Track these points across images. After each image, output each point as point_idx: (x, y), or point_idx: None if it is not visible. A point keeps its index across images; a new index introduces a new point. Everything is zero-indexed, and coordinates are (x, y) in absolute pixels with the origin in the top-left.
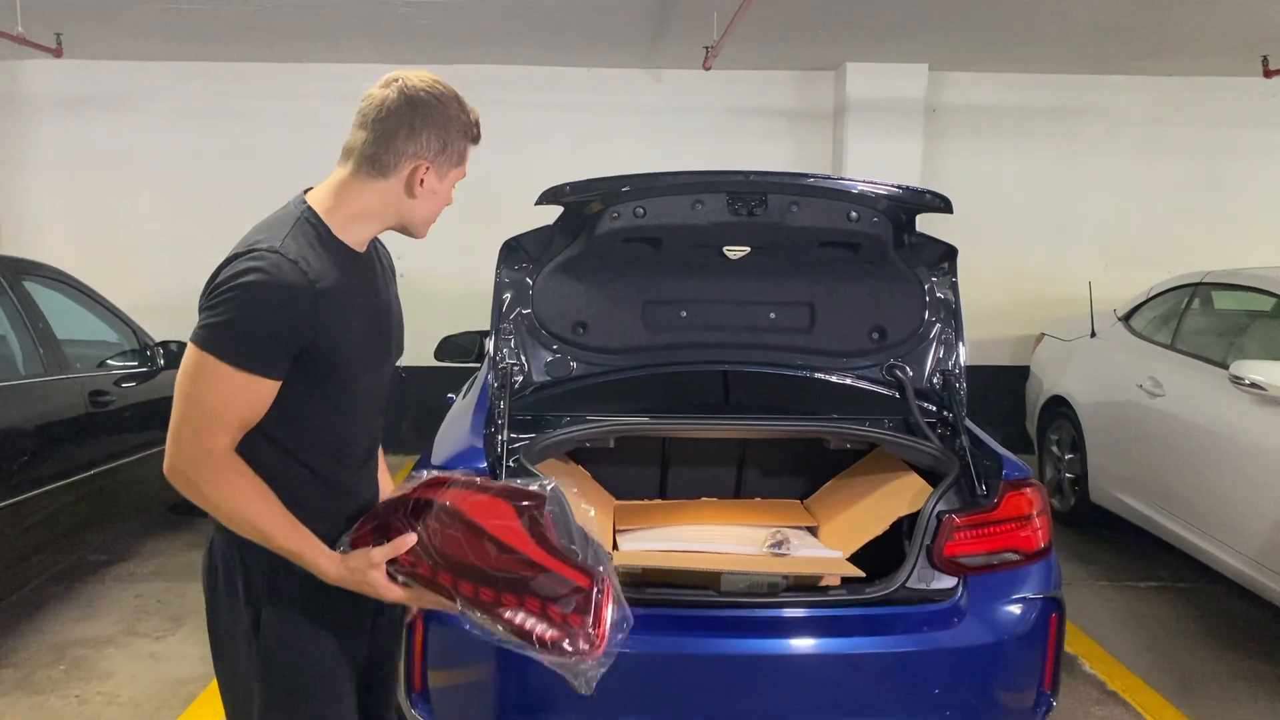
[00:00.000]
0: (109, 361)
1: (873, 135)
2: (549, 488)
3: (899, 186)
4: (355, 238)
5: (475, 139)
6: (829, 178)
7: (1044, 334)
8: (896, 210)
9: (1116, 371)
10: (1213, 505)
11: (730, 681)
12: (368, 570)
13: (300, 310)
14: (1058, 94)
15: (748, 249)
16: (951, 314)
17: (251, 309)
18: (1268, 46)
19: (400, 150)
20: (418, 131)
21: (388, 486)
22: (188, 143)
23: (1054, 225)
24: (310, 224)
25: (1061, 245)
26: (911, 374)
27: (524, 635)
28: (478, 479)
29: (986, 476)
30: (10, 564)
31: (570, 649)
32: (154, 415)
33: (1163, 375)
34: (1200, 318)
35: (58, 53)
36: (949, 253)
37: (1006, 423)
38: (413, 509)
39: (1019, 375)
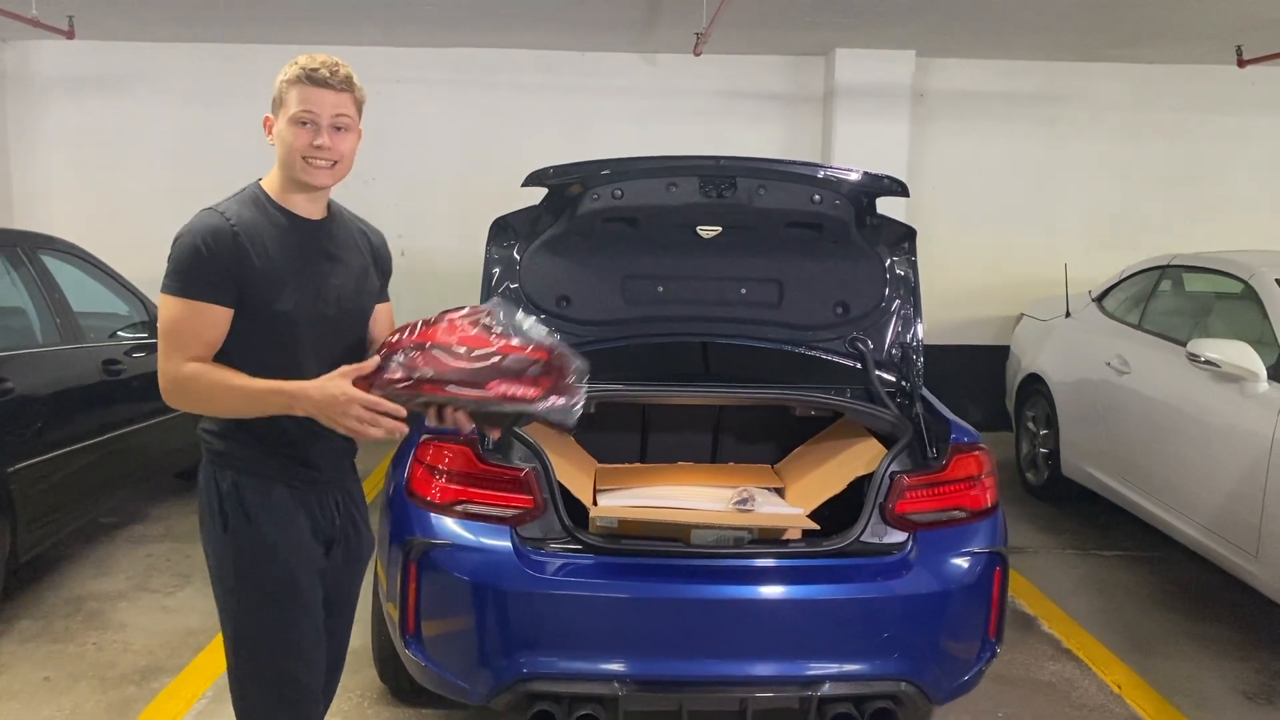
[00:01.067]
0: (119, 333)
1: (861, 120)
2: (493, 302)
3: (859, 171)
4: (298, 206)
5: (299, 78)
6: (794, 163)
7: (1023, 314)
8: (857, 193)
9: (1088, 350)
10: (1171, 477)
11: (699, 624)
12: (339, 389)
13: (219, 245)
14: (1041, 80)
15: (720, 229)
16: (910, 291)
17: (185, 250)
18: (1242, 36)
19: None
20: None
21: None
22: (197, 122)
23: (1037, 208)
24: (253, 194)
25: (1044, 228)
26: (872, 346)
27: (511, 399)
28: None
29: (937, 441)
30: (29, 522)
31: (551, 398)
32: None
33: (1130, 354)
34: (1169, 299)
35: (69, 34)
36: (908, 233)
37: (989, 400)
38: (390, 351)
39: (1001, 355)
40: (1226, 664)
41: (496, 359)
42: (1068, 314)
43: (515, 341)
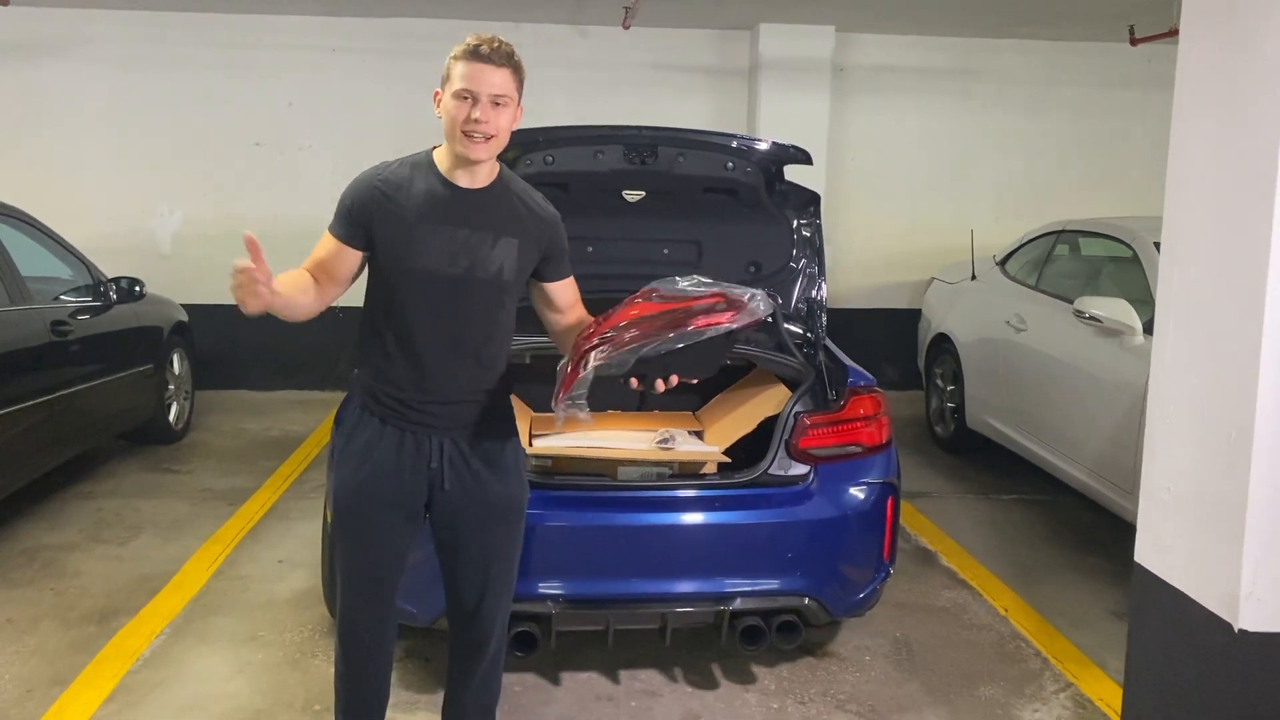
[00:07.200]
0: (63, 296)
1: (785, 93)
2: (655, 283)
3: (767, 142)
4: (458, 175)
5: (464, 55)
6: (709, 133)
7: (934, 278)
8: (766, 162)
9: (990, 311)
10: (1061, 425)
11: (625, 549)
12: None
13: (360, 191)
14: (954, 56)
15: (643, 193)
16: (816, 251)
17: (343, 192)
18: (1135, 17)
19: None
20: None
21: None
22: (133, 89)
23: (949, 178)
24: (421, 157)
25: (956, 197)
26: (781, 301)
27: (713, 325)
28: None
29: (836, 384)
30: None
31: (745, 317)
32: (108, 347)
33: (1027, 313)
34: (1066, 262)
35: (4, 1)
36: (813, 199)
37: (904, 360)
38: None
39: (916, 317)
40: (1103, 589)
41: (685, 309)
42: (973, 277)
43: (692, 295)
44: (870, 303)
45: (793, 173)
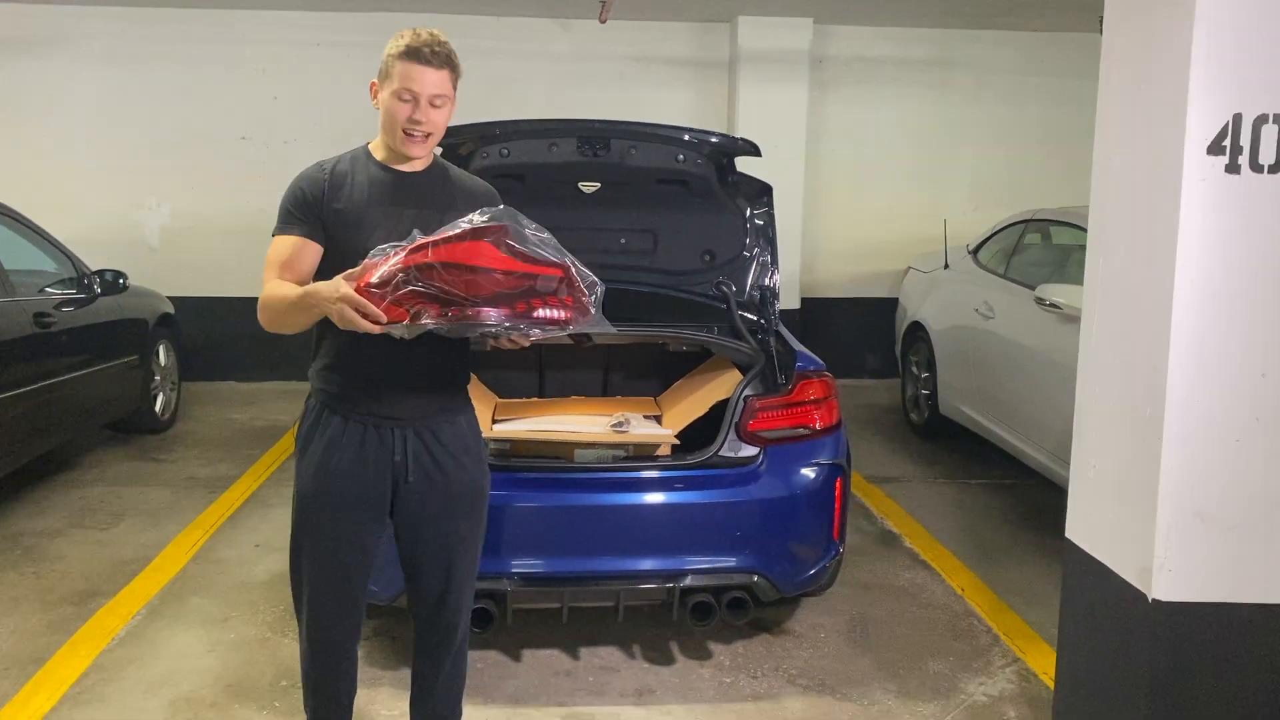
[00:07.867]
0: (48, 289)
1: (763, 85)
2: (497, 213)
3: (715, 134)
4: (396, 161)
5: (403, 54)
6: (660, 126)
7: (910, 267)
8: (717, 154)
9: (961, 299)
10: (1025, 410)
11: (580, 528)
12: (332, 287)
13: (309, 187)
14: (932, 47)
15: (599, 184)
16: (769, 241)
17: (285, 193)
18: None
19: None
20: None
21: None
22: (120, 84)
23: (928, 169)
24: (358, 151)
25: (935, 187)
26: (735, 289)
27: (554, 323)
28: (446, 232)
29: (785, 369)
30: None
31: (578, 317)
32: (92, 338)
33: (994, 300)
34: (1037, 250)
35: None
36: (765, 189)
37: (884, 349)
38: (418, 274)
39: (894, 306)
40: (1060, 569)
41: (529, 282)
42: (946, 266)
43: (540, 260)
44: (850, 292)
45: (776, 164)
